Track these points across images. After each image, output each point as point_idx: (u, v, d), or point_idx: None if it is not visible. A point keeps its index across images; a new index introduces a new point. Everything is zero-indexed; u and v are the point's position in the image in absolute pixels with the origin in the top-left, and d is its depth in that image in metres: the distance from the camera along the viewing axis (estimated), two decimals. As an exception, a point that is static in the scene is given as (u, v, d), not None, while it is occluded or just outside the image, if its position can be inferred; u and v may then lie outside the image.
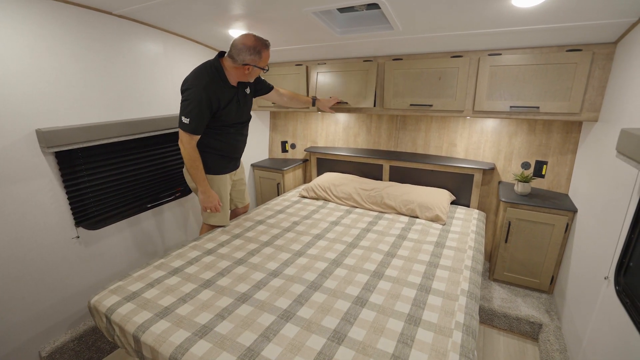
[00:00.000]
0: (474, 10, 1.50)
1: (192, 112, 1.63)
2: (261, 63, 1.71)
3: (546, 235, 1.96)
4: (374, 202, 2.34)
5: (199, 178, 1.77)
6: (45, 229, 1.64)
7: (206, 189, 1.81)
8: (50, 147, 1.55)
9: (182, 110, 1.65)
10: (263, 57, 1.70)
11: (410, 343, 1.11)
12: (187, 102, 1.64)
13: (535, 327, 1.87)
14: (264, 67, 1.74)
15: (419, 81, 2.18)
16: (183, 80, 1.71)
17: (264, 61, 1.71)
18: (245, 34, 1.68)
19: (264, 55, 1.70)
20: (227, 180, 1.99)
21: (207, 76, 1.67)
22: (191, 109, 1.63)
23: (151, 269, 1.57)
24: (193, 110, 1.63)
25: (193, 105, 1.63)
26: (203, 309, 1.29)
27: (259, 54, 1.67)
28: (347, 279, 1.49)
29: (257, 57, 1.68)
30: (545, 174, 2.21)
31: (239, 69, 1.70)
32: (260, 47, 1.67)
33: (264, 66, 1.74)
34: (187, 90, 1.66)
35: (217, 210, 1.89)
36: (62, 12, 1.59)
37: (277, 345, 1.10)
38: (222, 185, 1.95)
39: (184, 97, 1.66)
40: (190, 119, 1.64)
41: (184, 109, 1.65)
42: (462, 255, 1.70)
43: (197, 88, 1.63)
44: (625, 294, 1.17)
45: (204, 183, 1.79)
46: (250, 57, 1.66)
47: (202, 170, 1.78)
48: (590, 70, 1.73)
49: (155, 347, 1.12)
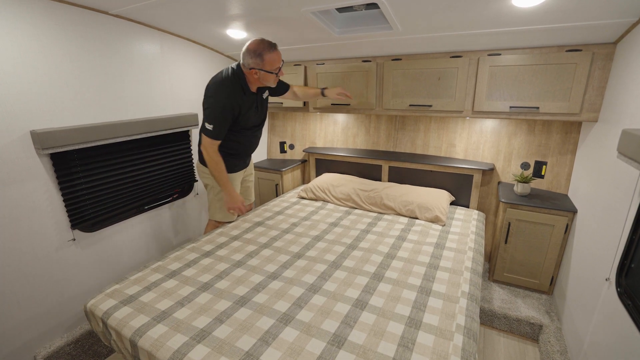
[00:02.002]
0: (473, 10, 1.49)
1: (215, 119, 1.71)
2: (266, 66, 1.67)
3: (546, 236, 1.96)
4: (373, 203, 2.33)
5: (223, 180, 1.83)
6: (40, 232, 1.62)
7: (231, 191, 1.86)
8: (45, 148, 1.53)
9: (206, 117, 1.73)
10: (266, 60, 1.66)
11: (411, 347, 1.10)
12: (210, 110, 1.72)
13: (536, 328, 1.86)
14: (270, 70, 1.70)
15: (418, 81, 2.18)
16: (206, 87, 1.77)
17: (268, 64, 1.67)
18: (253, 39, 1.67)
19: (267, 58, 1.66)
20: (238, 178, 2.07)
21: (229, 84, 1.71)
22: (215, 116, 1.71)
23: (148, 272, 1.55)
24: (217, 118, 1.71)
25: (216, 113, 1.70)
26: (201, 313, 1.27)
27: (259, 56, 1.64)
28: (347, 281, 1.47)
29: (259, 60, 1.66)
30: (545, 174, 2.21)
31: (250, 73, 1.71)
32: (262, 50, 1.64)
33: (270, 69, 1.69)
34: (210, 98, 1.72)
35: (241, 212, 1.94)
36: (57, 12, 1.57)
37: (276, 349, 1.09)
38: (233, 183, 2.00)
39: (208, 105, 1.73)
40: (213, 126, 1.71)
41: (208, 116, 1.72)
42: (462, 256, 1.69)
43: (220, 96, 1.70)
44: (626, 295, 1.16)
45: (228, 185, 1.85)
46: (253, 60, 1.65)
47: (225, 173, 1.82)
48: (590, 71, 1.73)
49: (152, 352, 1.10)
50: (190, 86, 2.37)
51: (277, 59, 1.70)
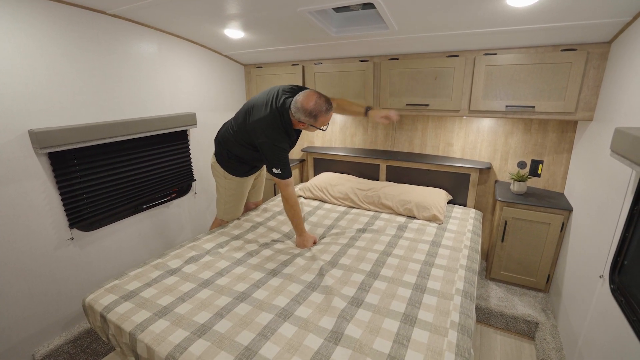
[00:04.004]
0: (469, 10, 1.50)
1: (283, 162, 1.71)
2: (317, 124, 1.68)
3: (542, 234, 1.97)
4: (371, 202, 2.34)
5: (298, 224, 1.81)
6: (38, 231, 1.62)
7: (303, 232, 1.83)
8: (44, 147, 1.53)
9: (272, 161, 1.71)
10: (319, 121, 1.65)
11: (406, 343, 1.11)
12: (273, 154, 1.70)
13: (532, 325, 1.88)
14: (320, 128, 1.70)
15: (415, 81, 2.19)
16: (256, 126, 1.70)
17: (319, 123, 1.67)
18: (309, 93, 1.63)
19: (320, 120, 1.65)
20: (248, 182, 2.10)
21: (279, 124, 1.69)
22: (278, 159, 1.70)
23: (148, 269, 1.56)
24: (283, 161, 1.71)
25: (279, 155, 1.70)
26: (202, 308, 1.28)
27: (314, 118, 1.63)
28: (343, 279, 1.49)
29: (312, 120, 1.64)
30: (541, 173, 2.22)
31: (296, 122, 1.71)
32: (317, 112, 1.62)
33: (320, 126, 1.69)
34: (266, 142, 1.68)
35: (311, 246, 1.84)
36: (54, 12, 1.57)
37: (274, 344, 1.10)
38: (243, 184, 2.06)
39: (266, 149, 1.70)
40: (282, 169, 1.71)
41: (274, 161, 1.70)
42: (457, 254, 1.70)
43: (278, 139, 1.69)
44: (619, 292, 1.17)
45: (302, 227, 1.82)
46: (306, 118, 1.64)
47: (301, 218, 1.82)
48: (585, 70, 1.74)
49: (152, 346, 1.11)
50: (188, 86, 2.38)
51: (329, 119, 1.69)
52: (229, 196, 2.06)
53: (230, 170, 1.96)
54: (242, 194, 2.10)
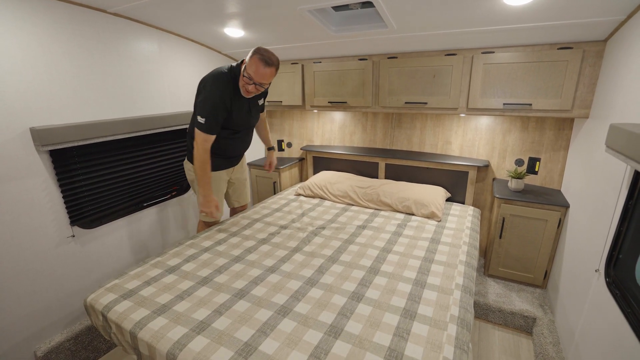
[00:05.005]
0: (466, 8, 1.52)
1: (209, 112, 1.64)
2: (253, 74, 1.61)
3: (539, 231, 1.99)
4: (370, 199, 2.35)
5: (204, 181, 1.75)
6: (40, 228, 1.63)
7: (207, 193, 1.78)
8: (45, 145, 1.54)
9: (199, 110, 1.66)
10: (256, 70, 1.60)
11: (405, 336, 1.13)
12: (203, 102, 1.65)
13: (529, 321, 1.90)
14: (255, 81, 1.62)
15: (413, 79, 2.20)
16: (201, 80, 1.71)
17: (256, 74, 1.61)
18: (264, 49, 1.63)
19: (258, 69, 1.59)
20: (220, 177, 2.00)
21: (225, 78, 1.67)
22: (209, 109, 1.64)
23: (148, 267, 1.57)
24: (211, 111, 1.64)
25: (211, 106, 1.64)
26: (200, 305, 1.29)
27: (254, 64, 1.60)
28: (344, 274, 1.50)
29: (253, 67, 1.61)
30: (539, 170, 2.24)
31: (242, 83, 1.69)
32: (260, 58, 1.59)
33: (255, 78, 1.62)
34: (204, 90, 1.66)
35: (212, 216, 1.85)
36: (56, 10, 1.58)
37: (274, 340, 1.11)
38: (215, 181, 1.95)
39: (201, 97, 1.66)
40: (205, 119, 1.64)
41: (202, 109, 1.65)
42: (456, 250, 1.72)
43: (214, 88, 1.64)
44: (615, 285, 1.19)
45: (207, 187, 1.77)
46: (249, 61, 1.62)
47: (208, 174, 1.76)
48: (581, 68, 1.76)
49: (152, 343, 1.12)
50: (188, 84, 2.39)
51: (265, 76, 1.62)
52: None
53: None
54: (218, 191, 2.00)
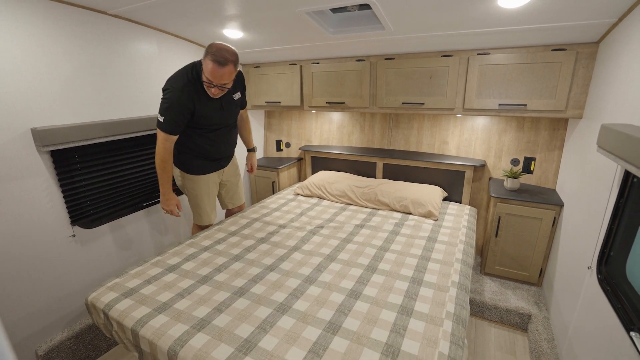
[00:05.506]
0: (461, 10, 1.55)
1: (167, 111, 1.61)
2: (207, 71, 1.55)
3: (534, 229, 2.02)
4: (368, 199, 2.38)
5: (163, 180, 1.74)
6: (41, 228, 1.65)
7: (166, 192, 1.77)
8: (46, 145, 1.56)
9: (160, 109, 1.64)
10: (211, 74, 1.55)
11: (402, 332, 1.15)
12: (164, 101, 1.63)
13: (525, 318, 1.93)
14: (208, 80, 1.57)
15: (410, 80, 2.23)
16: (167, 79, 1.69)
17: (208, 70, 1.55)
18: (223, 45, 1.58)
19: (210, 66, 1.53)
20: (209, 180, 1.97)
21: (186, 78, 1.63)
22: (167, 109, 1.61)
23: (148, 266, 1.58)
24: (168, 110, 1.61)
25: (169, 105, 1.61)
26: (201, 303, 1.31)
27: (207, 69, 1.54)
28: (342, 272, 1.52)
29: (208, 73, 1.55)
30: (534, 170, 2.27)
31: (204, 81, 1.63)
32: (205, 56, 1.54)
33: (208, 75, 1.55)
34: (166, 90, 1.64)
35: (174, 215, 1.85)
36: (56, 12, 1.60)
37: (273, 336, 1.14)
38: (203, 185, 1.94)
39: (163, 97, 1.64)
40: (165, 118, 1.62)
41: (161, 108, 1.64)
42: (453, 249, 1.74)
43: (175, 89, 1.61)
44: (606, 282, 1.22)
45: (166, 185, 1.76)
46: (204, 58, 1.56)
47: (169, 173, 1.74)
48: (575, 69, 1.79)
49: (153, 340, 1.14)
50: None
51: (215, 72, 1.54)
52: (194, 197, 1.97)
53: (184, 167, 1.88)
54: (208, 194, 1.99)
